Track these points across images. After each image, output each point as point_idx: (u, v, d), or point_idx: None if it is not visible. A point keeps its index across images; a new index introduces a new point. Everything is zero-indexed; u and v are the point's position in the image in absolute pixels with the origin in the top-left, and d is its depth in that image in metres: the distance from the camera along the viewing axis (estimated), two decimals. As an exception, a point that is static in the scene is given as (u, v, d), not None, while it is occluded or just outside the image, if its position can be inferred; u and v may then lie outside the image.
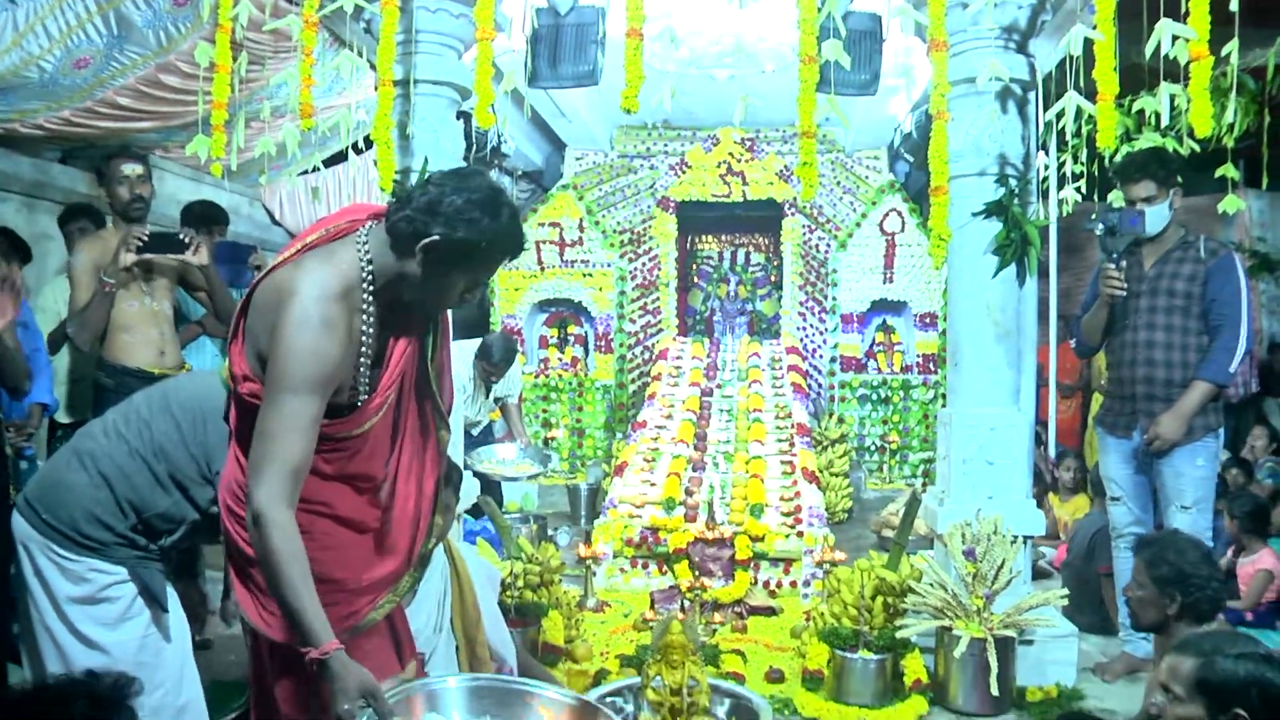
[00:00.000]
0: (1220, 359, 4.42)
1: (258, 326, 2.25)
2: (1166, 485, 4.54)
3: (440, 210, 2.21)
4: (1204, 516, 4.52)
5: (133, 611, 2.93)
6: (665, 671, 2.70)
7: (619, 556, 6.37)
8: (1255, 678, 2.23)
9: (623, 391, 10.05)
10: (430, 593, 3.37)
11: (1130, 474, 4.73)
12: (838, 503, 8.37)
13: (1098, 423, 4.93)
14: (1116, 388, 4.76)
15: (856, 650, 4.32)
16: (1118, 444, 4.76)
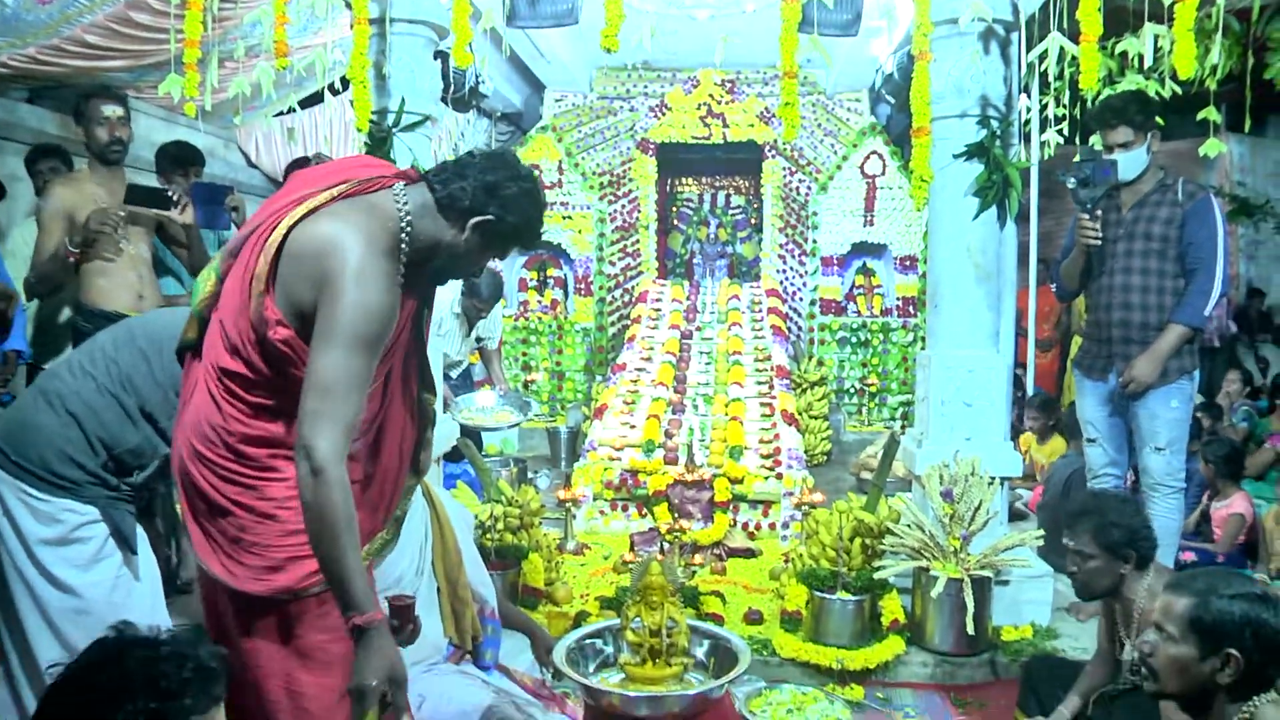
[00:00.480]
0: (1195, 302, 4.43)
1: (294, 274, 2.18)
2: (1141, 427, 4.57)
3: (498, 193, 2.32)
4: (1177, 458, 4.56)
5: (105, 553, 2.94)
6: (644, 613, 2.71)
7: (599, 499, 6.40)
8: (1250, 618, 2.22)
9: (602, 334, 10.04)
10: (412, 536, 3.37)
11: (1106, 416, 4.76)
12: (817, 445, 8.40)
13: (1075, 365, 4.97)
14: (1094, 330, 4.77)
15: (834, 591, 4.36)
16: (1094, 386, 4.78)
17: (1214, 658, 2.24)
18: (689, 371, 8.23)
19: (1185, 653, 2.27)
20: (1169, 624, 2.31)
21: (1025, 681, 3.90)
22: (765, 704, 4.01)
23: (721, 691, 2.63)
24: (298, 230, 2.21)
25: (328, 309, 2.13)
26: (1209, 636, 2.25)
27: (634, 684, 2.68)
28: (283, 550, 2.28)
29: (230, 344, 2.27)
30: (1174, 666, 2.29)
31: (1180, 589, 2.34)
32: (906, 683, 4.30)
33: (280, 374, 2.26)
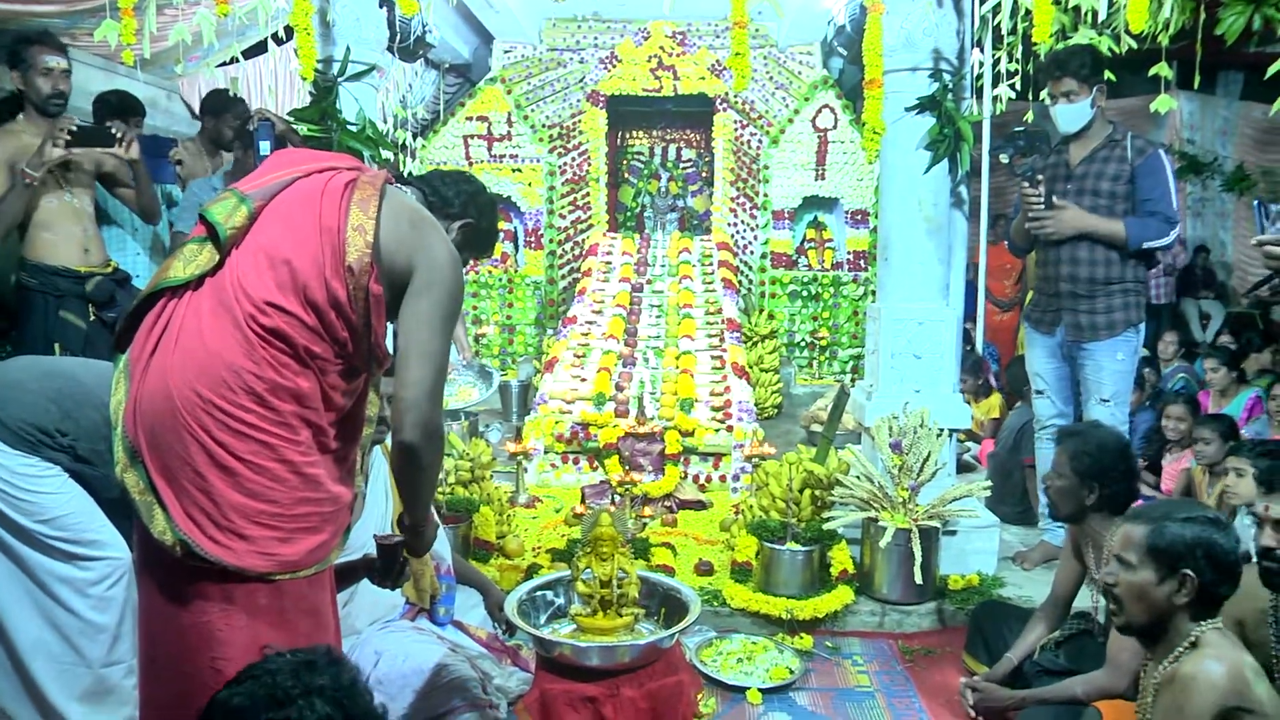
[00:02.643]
0: (1147, 227, 4.47)
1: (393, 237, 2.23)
2: (1087, 378, 4.64)
3: (477, 201, 2.63)
4: (1121, 410, 4.63)
5: (73, 507, 3.01)
6: (595, 564, 2.71)
7: (550, 452, 6.39)
8: (1201, 539, 2.37)
9: (553, 287, 9.98)
10: (376, 499, 3.35)
11: (1054, 368, 4.83)
12: (767, 398, 8.43)
13: (1024, 318, 5.03)
14: (1043, 285, 4.82)
15: (784, 542, 4.39)
16: (1043, 339, 4.84)
17: (1171, 580, 2.39)
18: (640, 325, 8.21)
19: (1145, 578, 2.41)
20: (1128, 552, 2.44)
21: (974, 626, 3.98)
22: (716, 654, 4.04)
23: (672, 641, 2.65)
24: (396, 199, 2.30)
25: (434, 290, 2.23)
26: (1165, 559, 2.39)
27: (585, 634, 2.69)
28: (293, 520, 2.16)
29: (298, 285, 2.15)
30: (1135, 593, 2.43)
31: (1137, 519, 2.48)
32: (855, 631, 4.36)
33: (346, 326, 2.21)
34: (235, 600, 2.13)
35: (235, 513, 2.10)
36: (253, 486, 2.11)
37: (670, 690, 2.61)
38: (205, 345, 2.12)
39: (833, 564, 4.47)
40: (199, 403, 2.09)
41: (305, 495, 2.18)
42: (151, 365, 2.14)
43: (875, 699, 3.79)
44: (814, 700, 3.77)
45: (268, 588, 2.15)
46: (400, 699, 3.13)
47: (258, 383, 2.12)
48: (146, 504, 2.10)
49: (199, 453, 2.09)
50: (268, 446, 2.13)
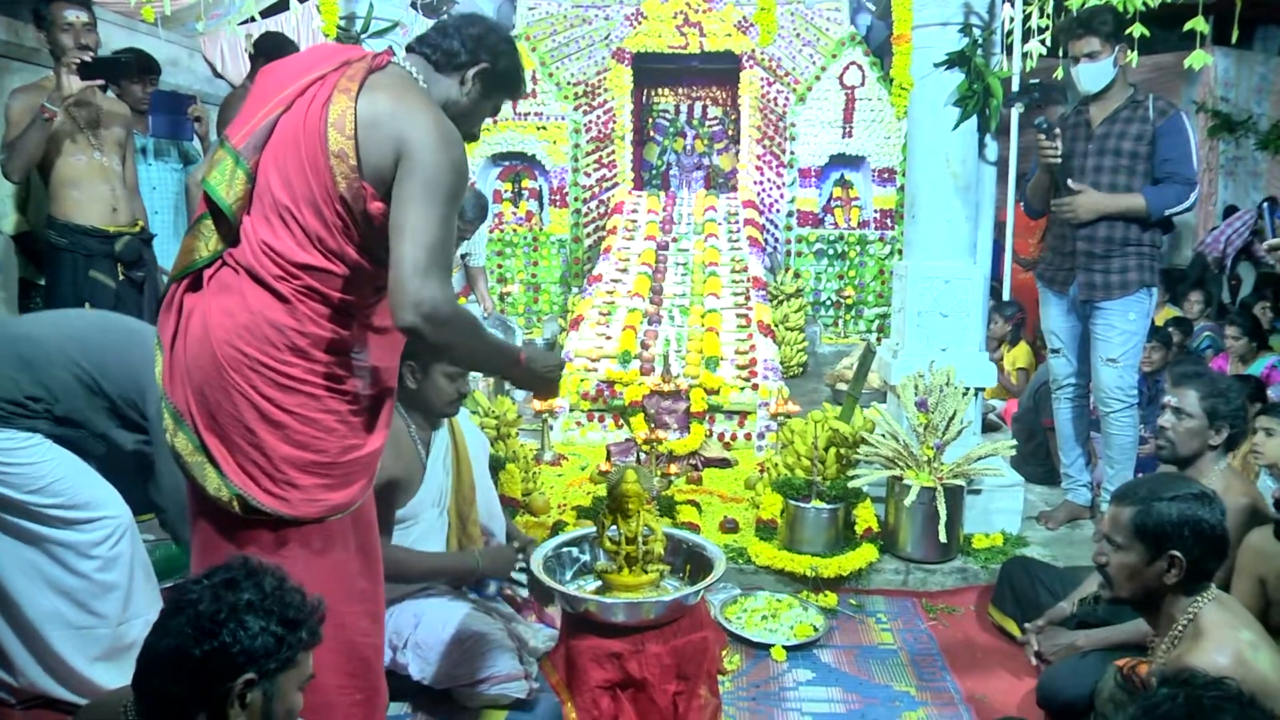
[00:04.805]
0: (1166, 195, 4.42)
1: (374, 146, 2.13)
2: (1097, 336, 4.61)
3: (486, 43, 2.38)
4: (1129, 372, 4.61)
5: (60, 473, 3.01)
6: (620, 521, 2.72)
7: (575, 410, 6.40)
8: (1187, 518, 2.34)
9: (578, 246, 9.96)
10: (437, 468, 3.34)
11: (1069, 326, 4.80)
12: (793, 357, 8.41)
13: (1038, 277, 4.96)
14: (1058, 244, 4.76)
15: (809, 500, 4.39)
16: (1057, 298, 4.81)
17: (1160, 560, 2.37)
18: (665, 283, 8.19)
19: (1133, 559, 2.41)
20: (1116, 534, 2.43)
21: (1003, 581, 3.98)
22: (740, 610, 4.06)
23: (697, 598, 2.65)
24: (367, 104, 2.16)
25: (418, 171, 2.11)
26: (1152, 541, 2.38)
27: (611, 591, 2.70)
28: (342, 467, 2.23)
29: (310, 235, 2.15)
30: (1125, 573, 2.42)
31: (1125, 499, 2.45)
32: (879, 589, 4.36)
33: (371, 258, 2.20)
34: (289, 545, 2.21)
35: (287, 464, 2.16)
36: (301, 438, 2.17)
37: (695, 646, 2.61)
38: (248, 306, 2.14)
39: (857, 522, 4.47)
40: (245, 361, 2.13)
41: (351, 443, 2.24)
42: (190, 332, 2.17)
43: (899, 656, 3.80)
44: (838, 658, 3.79)
45: (319, 529, 2.23)
46: (436, 664, 3.15)
47: (301, 338, 2.16)
48: (198, 464, 2.15)
49: (248, 409, 2.13)
50: (314, 398, 2.18)
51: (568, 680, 2.60)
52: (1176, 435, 3.37)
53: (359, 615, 2.35)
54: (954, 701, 3.47)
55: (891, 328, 5.13)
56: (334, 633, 2.24)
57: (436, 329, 2.07)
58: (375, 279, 2.22)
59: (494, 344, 2.36)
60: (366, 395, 2.29)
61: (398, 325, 2.08)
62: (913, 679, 3.63)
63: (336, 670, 2.30)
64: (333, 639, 2.24)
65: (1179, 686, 1.54)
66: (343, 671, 2.31)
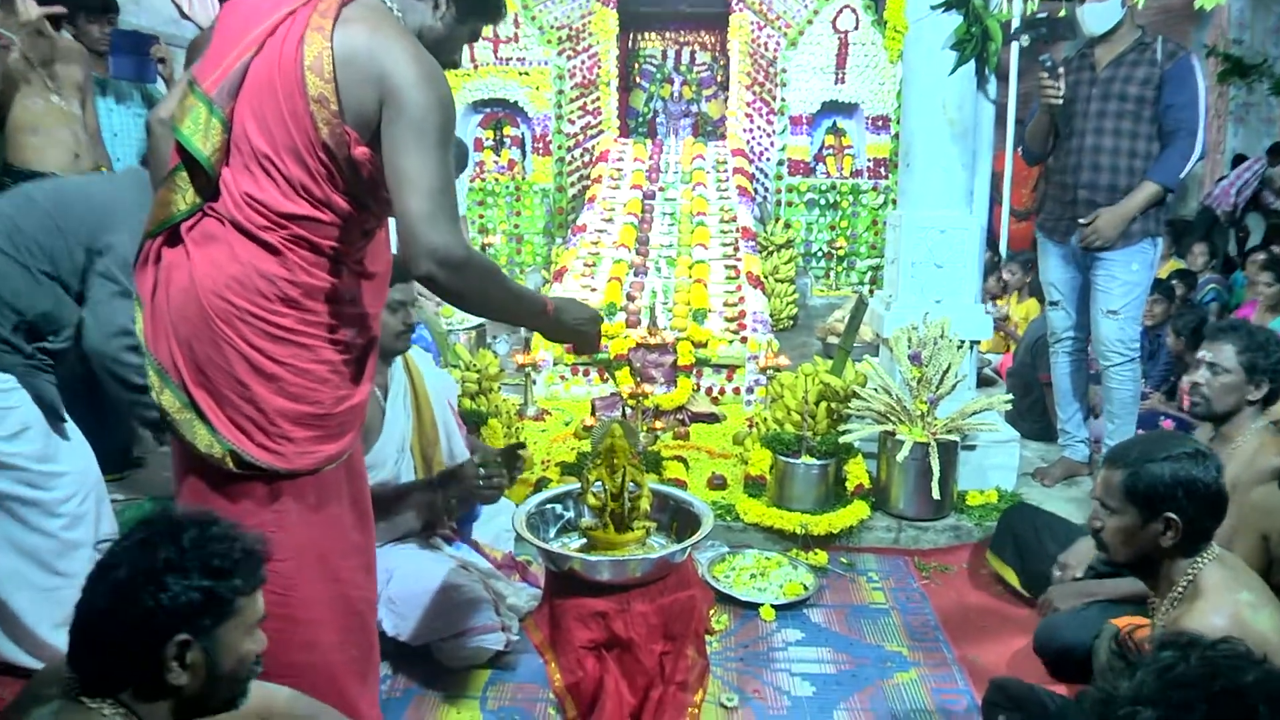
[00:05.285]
0: (1173, 163, 4.37)
1: (354, 86, 2.06)
2: (1098, 288, 4.56)
3: None
4: (1131, 325, 4.56)
5: (29, 420, 2.94)
6: (605, 476, 2.68)
7: (559, 364, 6.37)
8: (1180, 478, 2.30)
9: (562, 195, 9.90)
10: (398, 413, 3.31)
11: (1069, 278, 4.75)
12: (783, 309, 8.39)
13: (1038, 227, 4.91)
14: (1059, 192, 4.70)
15: (799, 456, 4.37)
16: (1057, 248, 4.75)
17: (1154, 523, 2.33)
18: (651, 233, 8.15)
19: (1127, 522, 2.38)
20: (1109, 498, 2.40)
21: (1003, 527, 3.96)
22: (729, 569, 4.05)
23: (684, 556, 2.62)
24: (342, 44, 2.08)
25: (405, 114, 2.04)
26: (1145, 503, 2.33)
27: (595, 549, 2.67)
28: (336, 418, 2.21)
29: (295, 184, 2.10)
30: (1120, 537, 2.40)
31: (1116, 462, 2.42)
32: (870, 547, 4.35)
33: (359, 203, 2.15)
34: (283, 499, 2.18)
35: (281, 417, 2.13)
36: (295, 390, 2.14)
37: (682, 605, 2.59)
38: (236, 257, 2.09)
39: (848, 478, 4.45)
40: (235, 313, 2.08)
41: (343, 393, 2.22)
42: (173, 285, 2.12)
43: (890, 616, 3.79)
44: (828, 617, 3.78)
45: (314, 481, 2.21)
46: (412, 618, 3.14)
47: (292, 288, 2.12)
48: (186, 421, 2.12)
49: (240, 362, 2.10)
50: (307, 349, 2.15)
51: (551, 640, 2.57)
52: (1211, 391, 3.29)
53: (354, 569, 2.33)
54: (946, 662, 3.46)
55: (884, 279, 5.09)
56: (329, 588, 2.24)
57: (453, 275, 2.02)
58: (364, 223, 2.19)
59: (517, 291, 2.30)
60: (358, 344, 2.26)
61: (415, 276, 2.03)
62: (904, 639, 3.62)
63: (332, 626, 2.27)
64: (328, 594, 2.24)
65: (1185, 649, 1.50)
66: (338, 627, 2.29)
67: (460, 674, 3.24)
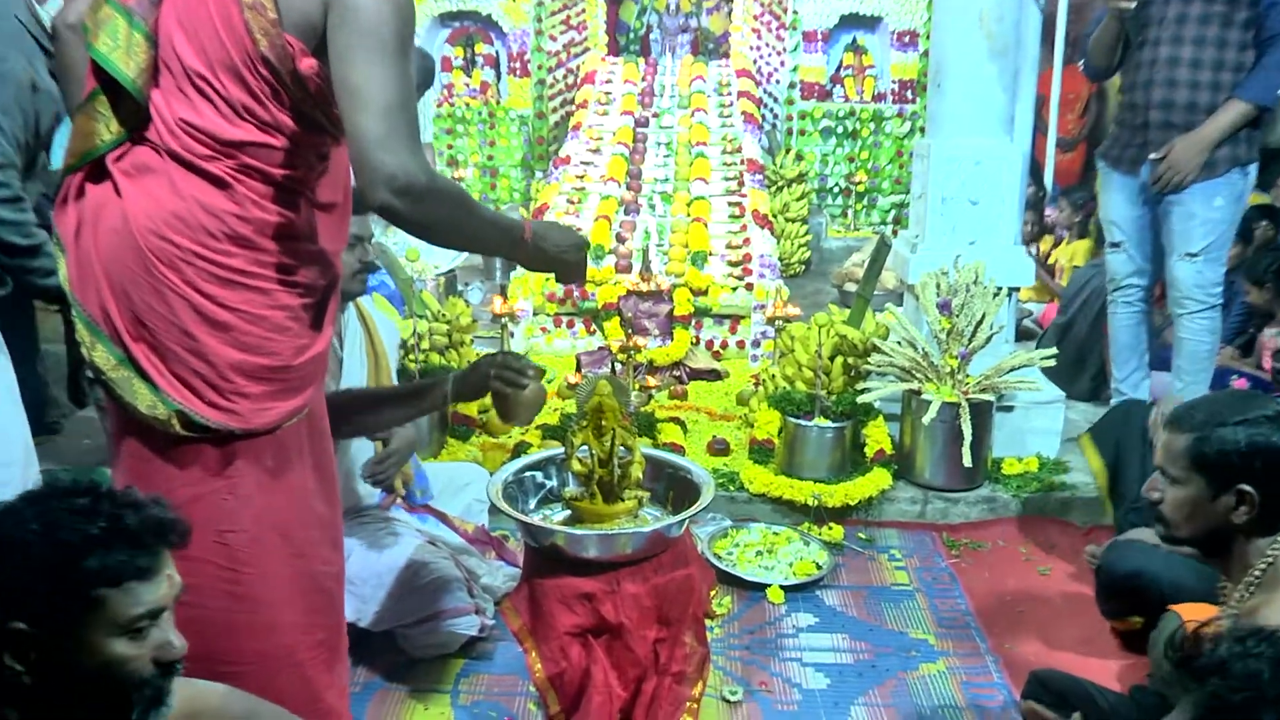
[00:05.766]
0: (1270, 77, 4.24)
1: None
2: (1174, 228, 4.44)
3: None
4: (1213, 268, 4.44)
5: None
6: (592, 440, 2.68)
7: (539, 314, 6.37)
8: (1258, 445, 2.22)
9: (542, 122, 9.85)
10: (355, 367, 3.30)
11: (1135, 216, 4.63)
12: (794, 252, 8.38)
13: (1101, 156, 4.81)
14: (1128, 114, 4.58)
15: (811, 418, 4.37)
16: (1123, 181, 4.64)
17: (1226, 495, 2.25)
18: (645, 165, 8.13)
19: (1192, 494, 2.29)
20: (1172, 466, 2.31)
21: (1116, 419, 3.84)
22: (731, 545, 4.06)
23: (681, 530, 2.63)
24: None
25: (353, 19, 1.99)
26: (1216, 473, 2.25)
27: (581, 522, 2.67)
28: (295, 370, 2.19)
29: (236, 106, 2.06)
30: (1183, 510, 2.31)
31: (1180, 424, 2.33)
32: (892, 521, 4.38)
33: (311, 123, 2.12)
34: (238, 463, 2.16)
35: (235, 371, 2.10)
36: (250, 340, 2.11)
37: (679, 586, 2.60)
38: (177, 191, 2.06)
39: (867, 443, 4.46)
40: (178, 254, 2.04)
41: (303, 342, 2.19)
42: (102, 225, 2.08)
43: (915, 599, 3.81)
44: (844, 599, 3.80)
45: (272, 442, 2.18)
46: (373, 601, 3.14)
47: (243, 225, 2.08)
48: (124, 379, 2.08)
49: (186, 311, 2.06)
50: (262, 293, 2.12)
51: (531, 626, 2.58)
52: None
53: (319, 542, 2.32)
54: (979, 651, 3.48)
55: (910, 218, 5.08)
56: (292, 563, 2.22)
57: (415, 204, 1.98)
58: (320, 147, 2.16)
59: (489, 219, 2.29)
60: (319, 286, 2.24)
61: (371, 206, 1.99)
62: (931, 625, 3.64)
63: (295, 606, 2.26)
64: (290, 570, 2.22)
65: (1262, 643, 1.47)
66: (302, 607, 2.27)
67: (429, 665, 3.25)
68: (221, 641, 1.97)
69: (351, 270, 3.16)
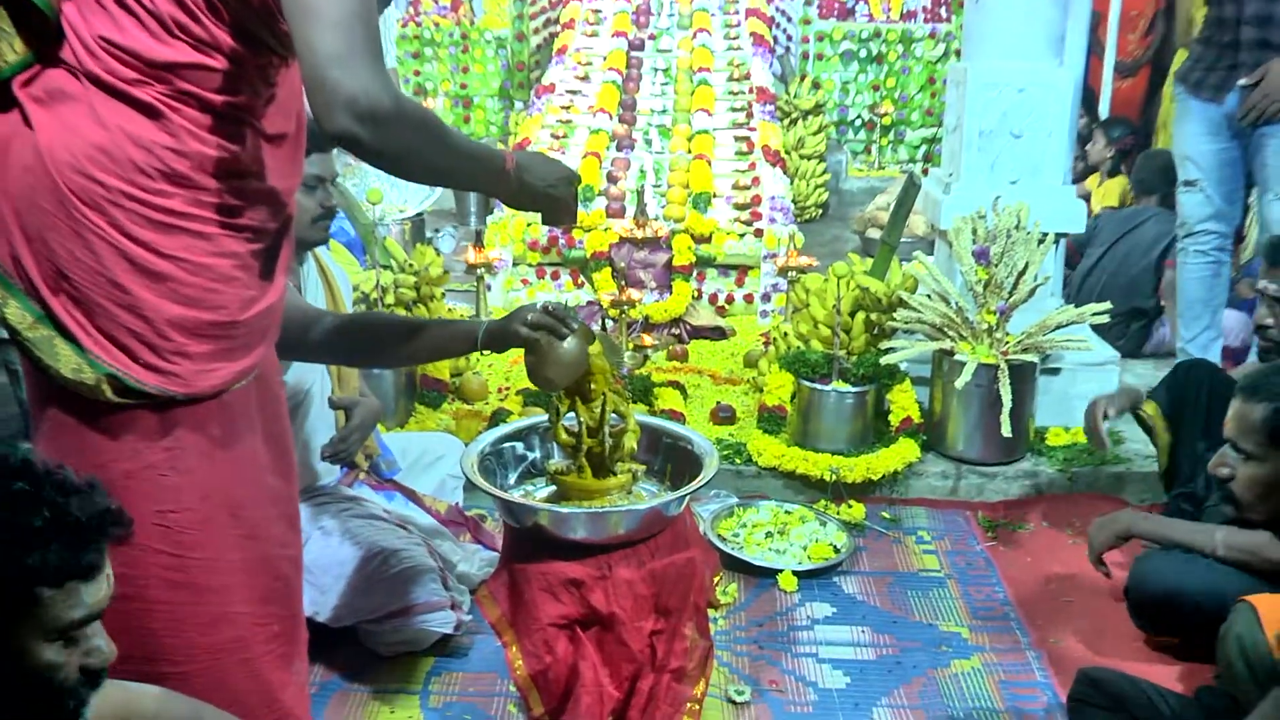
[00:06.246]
0: None
1: None
2: (1266, 164, 4.39)
3: None
4: None
5: None
6: (580, 407, 2.68)
7: (520, 264, 6.39)
8: None
9: (522, 45, 9.82)
10: None
11: (1217, 150, 4.58)
12: (810, 194, 8.38)
13: (1179, 80, 4.71)
14: (1214, 31, 4.52)
15: (829, 381, 4.38)
16: (1203, 108, 4.58)
17: None
18: (639, 95, 8.13)
19: (1267, 472, 2.30)
20: (1245, 440, 2.33)
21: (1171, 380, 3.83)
22: (738, 525, 4.07)
23: (681, 507, 2.63)
24: None
25: None
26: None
27: (568, 498, 2.68)
28: (244, 325, 2.16)
29: (166, 21, 2.01)
30: (1257, 489, 2.33)
31: (1255, 394, 2.34)
32: (921, 499, 4.40)
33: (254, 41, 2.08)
34: (179, 434, 2.13)
35: (175, 328, 2.07)
36: (191, 292, 2.08)
37: (678, 571, 2.60)
38: (101, 121, 2.02)
39: (892, 410, 4.47)
40: (104, 194, 2.01)
41: (252, 293, 2.17)
42: (12, 161, 2.04)
43: (946, 587, 3.83)
44: (865, 587, 3.82)
45: (217, 408, 2.16)
46: (333, 593, 3.12)
47: (179, 160, 2.05)
48: (43, 339, 2.04)
49: (115, 259, 2.03)
50: (204, 238, 2.09)
51: (511, 617, 2.59)
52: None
53: (273, 521, 2.31)
54: (1020, 646, 3.49)
55: (943, 154, 5.07)
56: (243, 545, 2.21)
57: (379, 131, 1.95)
58: (265, 68, 2.13)
59: (465, 149, 2.26)
60: (269, 230, 2.22)
61: (330, 133, 1.96)
62: (964, 616, 3.65)
63: (247, 595, 2.25)
64: (241, 553, 2.21)
65: None
66: (255, 596, 2.26)
67: (395, 663, 3.25)
68: (162, 637, 1.96)
69: (311, 216, 3.14)
